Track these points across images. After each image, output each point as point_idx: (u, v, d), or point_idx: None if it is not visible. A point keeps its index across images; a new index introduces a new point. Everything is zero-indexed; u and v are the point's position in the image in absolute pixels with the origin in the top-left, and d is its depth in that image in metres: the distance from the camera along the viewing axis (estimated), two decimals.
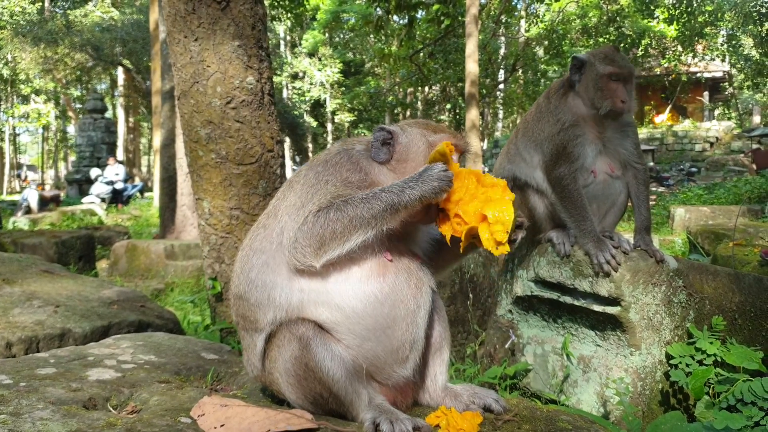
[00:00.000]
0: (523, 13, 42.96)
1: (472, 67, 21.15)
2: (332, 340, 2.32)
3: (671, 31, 35.80)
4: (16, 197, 34.08)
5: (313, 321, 2.32)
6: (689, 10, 35.46)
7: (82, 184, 31.82)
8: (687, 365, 3.72)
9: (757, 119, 44.89)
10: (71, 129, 56.61)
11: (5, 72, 43.34)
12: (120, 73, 45.33)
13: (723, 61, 41.42)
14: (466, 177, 2.31)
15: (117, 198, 26.65)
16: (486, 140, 44.82)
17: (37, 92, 46.76)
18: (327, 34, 47.42)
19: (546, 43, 39.57)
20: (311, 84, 47.80)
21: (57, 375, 2.64)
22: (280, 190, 2.62)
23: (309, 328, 2.30)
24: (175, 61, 5.07)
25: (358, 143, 2.61)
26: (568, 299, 4.08)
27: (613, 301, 3.82)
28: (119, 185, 26.96)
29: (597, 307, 3.93)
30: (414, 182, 2.26)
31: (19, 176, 54.76)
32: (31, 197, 23.59)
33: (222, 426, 2.16)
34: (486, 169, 28.39)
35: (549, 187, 4.16)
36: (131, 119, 52.48)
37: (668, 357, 3.83)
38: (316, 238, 2.23)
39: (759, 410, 3.13)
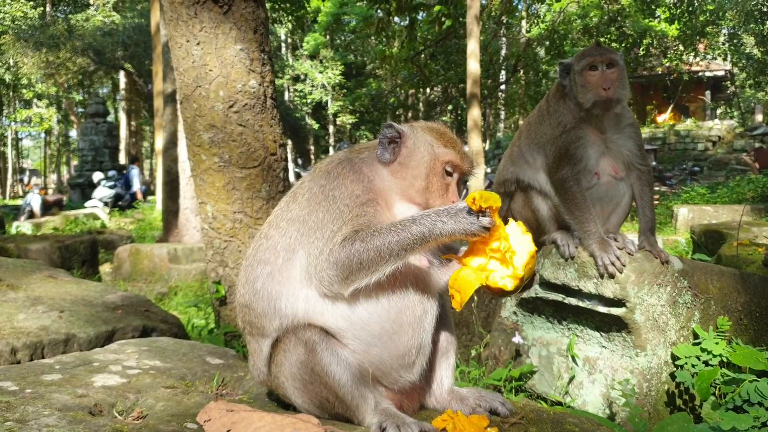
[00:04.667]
0: (524, 13, 42.95)
1: (473, 66, 21.15)
2: (338, 344, 2.32)
3: (673, 30, 35.73)
4: (19, 202, 34.10)
5: (319, 326, 2.32)
6: (690, 9, 35.44)
7: (84, 188, 31.83)
8: (693, 366, 3.71)
9: (759, 118, 44.83)
10: (73, 133, 56.65)
11: (7, 77, 43.41)
12: (122, 77, 45.36)
13: (725, 60, 41.31)
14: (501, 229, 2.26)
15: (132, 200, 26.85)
16: (488, 141, 44.79)
17: (39, 97, 46.76)
18: (328, 37, 47.41)
19: (547, 43, 39.52)
20: (313, 86, 47.80)
21: (62, 381, 2.64)
22: (282, 200, 2.60)
23: (315, 332, 2.30)
24: (177, 65, 5.07)
25: (364, 150, 2.58)
26: (572, 301, 4.08)
27: (618, 302, 3.82)
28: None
29: (602, 309, 3.92)
30: (447, 217, 2.21)
31: (21, 181, 54.87)
32: (34, 202, 23.61)
33: (228, 431, 2.15)
34: (489, 170, 28.37)
35: (552, 189, 4.15)
36: (133, 123, 52.51)
37: (674, 358, 3.82)
38: (342, 269, 2.22)
39: (766, 411, 3.12)
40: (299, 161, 42.38)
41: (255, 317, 2.43)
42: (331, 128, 51.74)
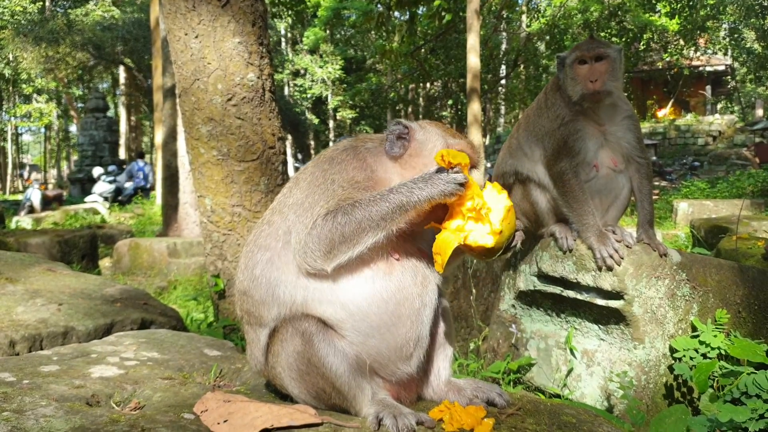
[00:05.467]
0: (524, 8, 42.84)
1: (473, 61, 21.11)
2: (335, 336, 2.32)
3: (673, 24, 35.62)
4: (19, 197, 34.10)
5: (316, 317, 2.32)
6: (691, 3, 35.35)
7: (84, 183, 31.84)
8: (691, 358, 3.72)
9: (759, 113, 44.71)
10: (73, 128, 56.63)
11: (7, 72, 43.36)
12: (121, 72, 45.30)
13: (725, 54, 41.26)
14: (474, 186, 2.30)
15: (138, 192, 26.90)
16: (488, 136, 44.74)
17: (39, 92, 46.76)
18: (328, 31, 47.29)
19: (547, 38, 39.44)
20: (312, 81, 47.73)
21: (60, 372, 2.64)
22: (285, 186, 2.60)
23: (312, 323, 2.30)
24: (175, 58, 5.06)
25: (369, 140, 2.59)
26: (571, 293, 4.08)
27: (617, 294, 3.82)
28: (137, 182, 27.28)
29: (600, 301, 3.92)
30: (423, 183, 2.25)
31: (21, 176, 54.80)
32: (34, 197, 23.62)
33: (225, 421, 2.16)
34: (488, 165, 28.36)
35: (551, 181, 4.15)
36: (133, 118, 52.46)
37: (672, 350, 3.83)
38: (325, 243, 2.23)
39: (763, 403, 3.12)
40: (299, 156, 42.42)
41: (253, 305, 2.43)
42: (331, 123, 51.70)
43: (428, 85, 47.19)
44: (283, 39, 51.58)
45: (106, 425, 2.12)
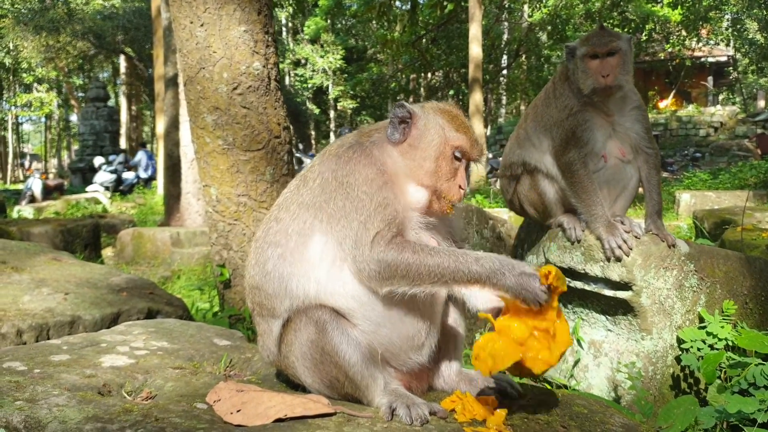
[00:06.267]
0: None
1: (475, 50, 21.09)
2: (348, 324, 2.32)
3: (675, 15, 35.50)
4: (19, 186, 34.08)
5: (330, 307, 2.32)
6: None
7: (85, 173, 31.83)
8: (698, 349, 3.72)
9: (761, 104, 44.64)
10: (74, 118, 56.53)
11: (7, 61, 43.23)
12: (122, 61, 45.16)
13: (727, 45, 41.10)
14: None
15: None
16: (489, 126, 44.67)
17: (40, 81, 46.64)
18: (329, 21, 47.16)
19: (549, 28, 39.32)
20: (313, 71, 47.62)
21: (70, 362, 2.64)
22: (291, 183, 2.58)
23: (325, 312, 2.30)
24: (180, 46, 5.04)
25: (374, 131, 2.54)
26: (578, 284, 4.07)
27: (625, 285, 3.81)
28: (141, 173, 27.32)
29: (608, 292, 3.91)
30: (510, 270, 2.18)
31: (22, 165, 54.74)
32: (35, 186, 23.63)
33: (238, 411, 2.15)
34: (490, 155, 28.30)
35: (559, 172, 4.14)
36: (134, 107, 52.35)
37: (679, 341, 3.83)
38: (387, 271, 2.21)
39: None
40: (300, 146, 42.29)
41: (265, 298, 2.43)
42: (331, 113, 51.62)
43: (429, 75, 47.07)
44: (284, 28, 51.41)
45: (119, 415, 2.12)
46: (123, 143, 41.18)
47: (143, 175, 27.53)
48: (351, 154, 2.40)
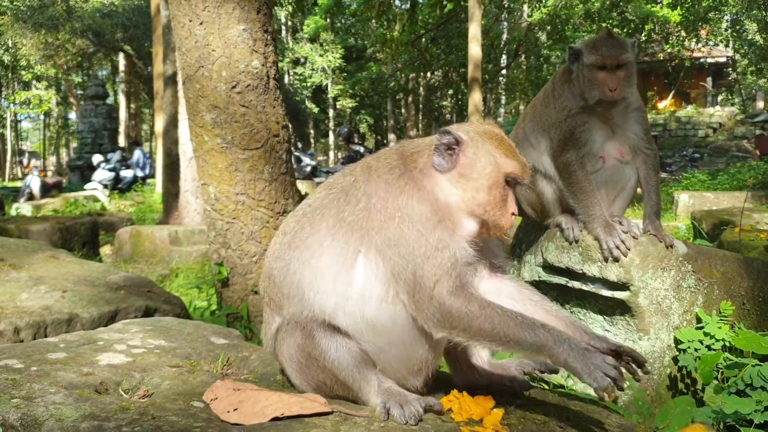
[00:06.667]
0: None
1: (475, 50, 21.07)
2: (339, 335, 2.30)
3: (675, 16, 35.48)
4: (18, 184, 34.03)
5: (334, 325, 2.30)
6: None
7: (84, 171, 31.76)
8: (696, 350, 3.72)
9: (760, 105, 44.62)
10: (73, 115, 56.44)
11: (6, 58, 43.14)
12: (121, 59, 45.12)
13: (727, 46, 41.10)
14: None
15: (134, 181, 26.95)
16: None
17: (39, 78, 46.56)
18: (328, 20, 47.10)
19: (549, 28, 39.30)
20: (313, 70, 47.58)
21: (68, 359, 2.64)
22: (326, 191, 2.47)
23: (314, 322, 2.31)
24: (179, 44, 5.04)
25: (417, 154, 2.41)
26: (576, 284, 4.07)
27: (622, 286, 3.81)
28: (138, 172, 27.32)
29: (606, 292, 3.92)
30: (579, 354, 2.10)
31: (21, 163, 54.67)
32: (34, 184, 23.57)
33: (235, 410, 2.16)
34: None
35: (556, 172, 4.14)
36: (133, 105, 52.31)
37: (677, 342, 3.83)
38: (448, 318, 2.17)
39: None
40: (299, 145, 42.29)
41: (278, 294, 2.42)
42: (330, 112, 51.60)
43: (429, 74, 47.03)
44: (283, 27, 51.35)
45: (116, 413, 2.12)
46: (122, 141, 41.13)
47: (139, 173, 27.53)
48: (402, 185, 2.29)
